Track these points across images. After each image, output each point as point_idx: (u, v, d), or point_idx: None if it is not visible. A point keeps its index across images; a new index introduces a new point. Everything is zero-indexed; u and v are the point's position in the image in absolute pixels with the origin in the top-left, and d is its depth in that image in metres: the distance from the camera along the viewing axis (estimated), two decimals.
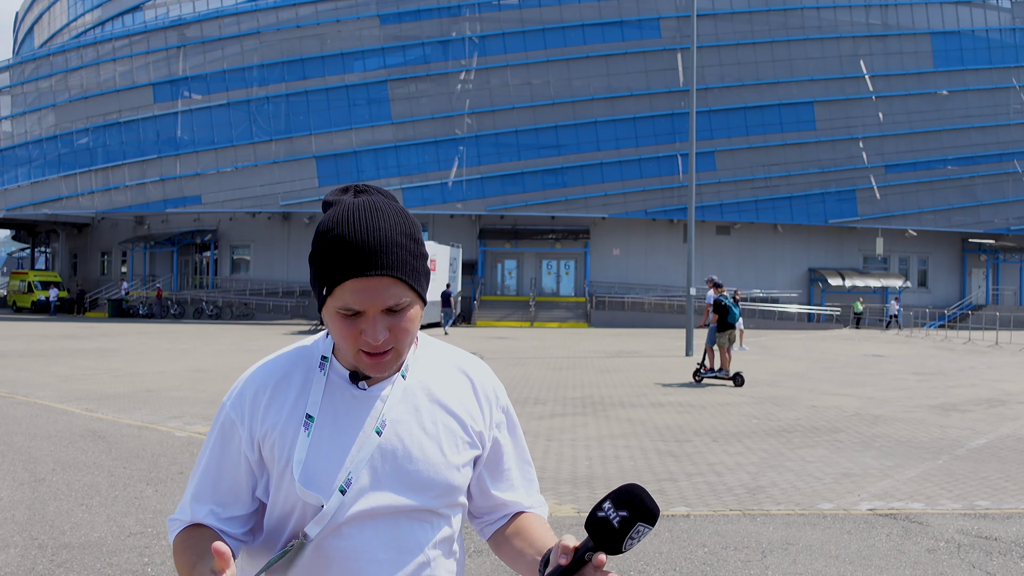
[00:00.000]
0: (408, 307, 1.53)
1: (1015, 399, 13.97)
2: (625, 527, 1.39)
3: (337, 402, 1.61)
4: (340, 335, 1.52)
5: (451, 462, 1.63)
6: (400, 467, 1.59)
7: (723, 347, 15.91)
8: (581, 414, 11.68)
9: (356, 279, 1.48)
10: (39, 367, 17.16)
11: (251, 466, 1.61)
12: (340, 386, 1.62)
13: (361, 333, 1.50)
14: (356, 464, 1.57)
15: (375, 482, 1.58)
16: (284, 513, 1.59)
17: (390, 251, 1.49)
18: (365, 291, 1.48)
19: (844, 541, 5.83)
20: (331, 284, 1.50)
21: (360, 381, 1.61)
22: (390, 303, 1.50)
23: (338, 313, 1.51)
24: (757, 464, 8.38)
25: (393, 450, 1.59)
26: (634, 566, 5.26)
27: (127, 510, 6.43)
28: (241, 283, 45.33)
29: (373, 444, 1.58)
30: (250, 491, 1.63)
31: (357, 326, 1.50)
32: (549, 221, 43.31)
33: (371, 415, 1.60)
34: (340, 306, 1.50)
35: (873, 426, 10.85)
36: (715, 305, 16.42)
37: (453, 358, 1.75)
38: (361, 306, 1.49)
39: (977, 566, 5.33)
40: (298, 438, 1.57)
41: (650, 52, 41.79)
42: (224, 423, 1.63)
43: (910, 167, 43.41)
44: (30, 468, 7.83)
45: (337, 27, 41.70)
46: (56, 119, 44.28)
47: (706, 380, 16.03)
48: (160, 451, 8.68)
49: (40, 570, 5.08)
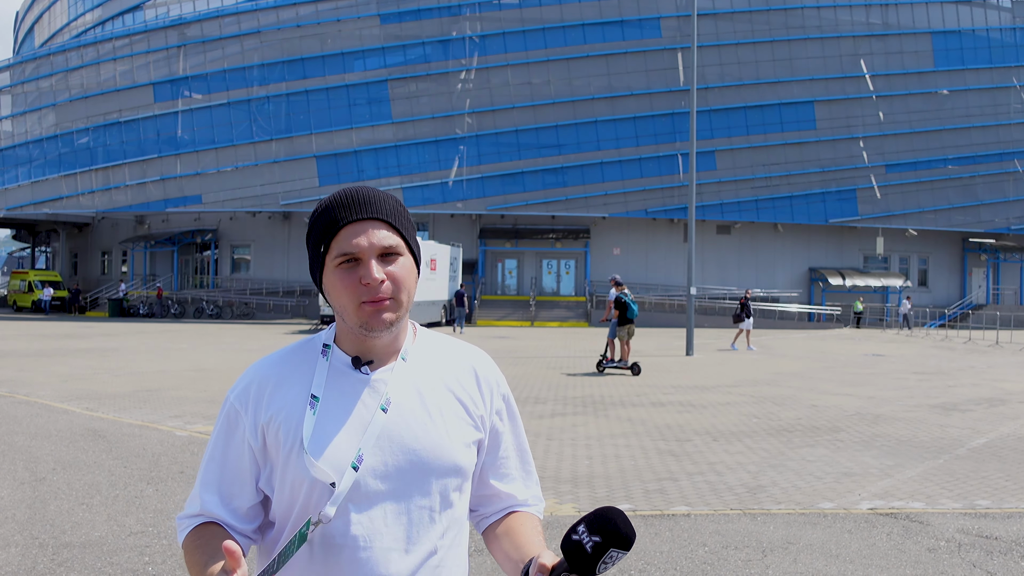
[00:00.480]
0: (401, 254, 1.62)
1: (1015, 398, 13.97)
2: (598, 552, 1.39)
3: (343, 385, 1.65)
4: (341, 289, 1.60)
5: (455, 441, 1.66)
6: (406, 445, 1.62)
7: (623, 340, 17.43)
8: (582, 413, 11.68)
9: (349, 225, 1.59)
10: (40, 367, 17.16)
11: (254, 455, 1.64)
12: (343, 371, 1.66)
13: (360, 280, 1.58)
14: (365, 441, 1.60)
15: (383, 460, 1.60)
16: (292, 499, 1.60)
17: (379, 201, 1.62)
18: (359, 234, 1.59)
19: (845, 540, 5.84)
20: (328, 238, 1.60)
21: (363, 366, 1.66)
22: (384, 243, 1.59)
23: (337, 268, 1.60)
24: (758, 463, 8.39)
25: (399, 428, 1.62)
26: (635, 565, 5.27)
27: (128, 509, 6.43)
28: (241, 283, 45.34)
29: (380, 422, 1.61)
30: (254, 481, 1.65)
31: (356, 275, 1.59)
32: (549, 220, 43.31)
33: (375, 396, 1.64)
34: (337, 254, 1.59)
35: (874, 425, 10.85)
36: (616, 302, 17.79)
37: (453, 345, 1.80)
38: (356, 249, 1.58)
39: (978, 565, 5.33)
40: (304, 417, 1.60)
41: (650, 51, 41.78)
42: (228, 413, 1.67)
43: (910, 166, 43.39)
44: (31, 467, 7.83)
45: (337, 26, 41.70)
46: (56, 118, 44.28)
47: (608, 370, 17.61)
48: (161, 450, 8.69)
49: (41, 569, 5.08)
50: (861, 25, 43.17)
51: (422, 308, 33.65)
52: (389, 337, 1.66)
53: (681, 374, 17.54)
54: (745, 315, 25.95)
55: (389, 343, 1.68)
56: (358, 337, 1.65)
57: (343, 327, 1.68)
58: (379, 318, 1.59)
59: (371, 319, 1.59)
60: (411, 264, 1.65)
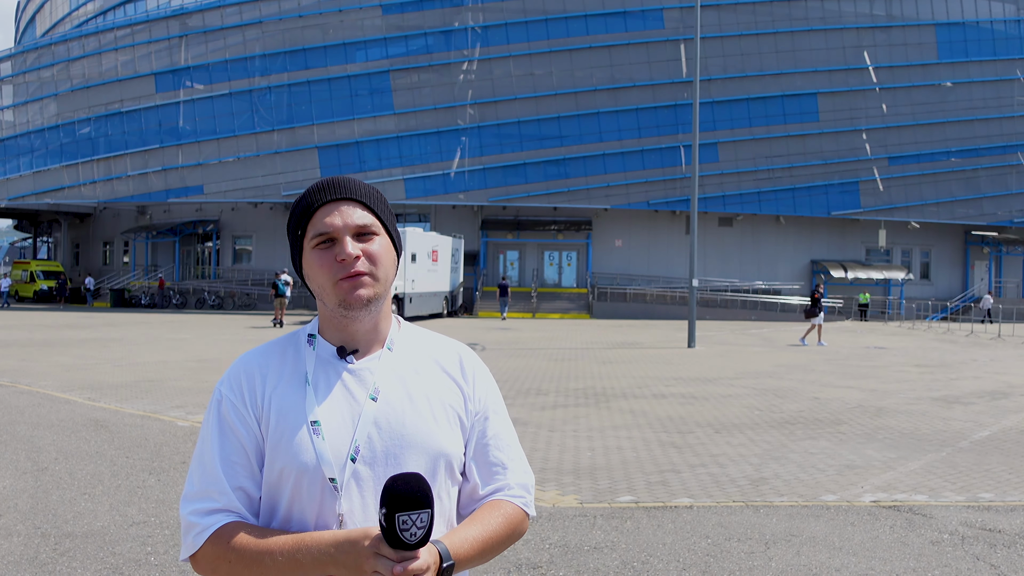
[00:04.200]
0: (376, 234, 1.64)
1: (1018, 391, 13.95)
2: (390, 522, 1.41)
3: (330, 376, 1.65)
4: (317, 269, 1.62)
5: (442, 428, 1.66)
6: (396, 433, 1.61)
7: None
8: (583, 405, 11.67)
9: (324, 206, 1.62)
10: (41, 356, 17.17)
11: (257, 442, 1.63)
12: (329, 362, 1.66)
13: (336, 258, 1.60)
14: (360, 432, 1.60)
15: (373, 448, 1.60)
16: (280, 486, 1.59)
17: (353, 184, 1.66)
18: (334, 213, 1.61)
19: (847, 533, 5.83)
20: (305, 220, 1.63)
21: (348, 355, 1.66)
22: (358, 222, 1.61)
23: (314, 250, 1.62)
24: (760, 455, 8.38)
25: (387, 417, 1.62)
26: (637, 556, 5.26)
27: (130, 499, 6.43)
28: (243, 273, 45.36)
29: (371, 412, 1.61)
30: (258, 470, 1.62)
31: (331, 254, 1.61)
32: (551, 212, 43.26)
33: (363, 385, 1.64)
34: (314, 235, 1.61)
35: (876, 418, 10.84)
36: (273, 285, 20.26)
37: (436, 337, 1.81)
38: (331, 228, 1.60)
39: (981, 558, 5.32)
40: (305, 399, 1.61)
41: (653, 43, 41.64)
42: (222, 404, 1.65)
43: (913, 159, 43.27)
44: (33, 457, 7.83)
45: (339, 17, 41.59)
46: (58, 108, 44.23)
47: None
48: (162, 440, 8.69)
49: (43, 559, 5.08)
50: (865, 17, 43.00)
51: (424, 299, 33.64)
52: (369, 320, 1.66)
53: (683, 366, 17.52)
54: (818, 309, 24.63)
55: (371, 330, 1.68)
56: (339, 321, 1.65)
57: (325, 313, 1.68)
58: (356, 295, 1.60)
59: (348, 295, 1.60)
60: (387, 244, 1.66)
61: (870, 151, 42.80)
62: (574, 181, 41.49)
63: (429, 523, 1.43)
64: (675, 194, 41.34)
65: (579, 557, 5.26)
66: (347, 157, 41.28)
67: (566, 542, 5.55)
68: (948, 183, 43.72)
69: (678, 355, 20.28)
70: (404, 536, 1.41)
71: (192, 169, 42.24)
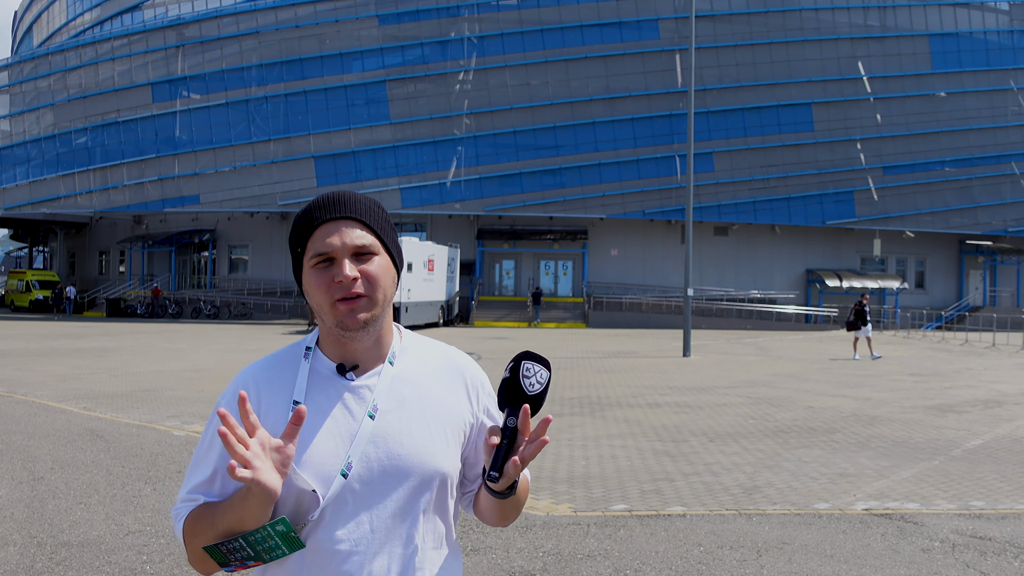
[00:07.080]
0: (376, 254, 1.64)
1: (1011, 400, 14.01)
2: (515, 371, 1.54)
3: (328, 392, 1.65)
4: (316, 288, 1.62)
5: (438, 447, 1.67)
6: (392, 452, 1.63)
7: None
8: (579, 414, 11.70)
9: (324, 225, 1.62)
10: (37, 366, 17.16)
11: None
12: (328, 378, 1.67)
13: (333, 278, 1.60)
14: (354, 449, 1.61)
15: (370, 467, 1.61)
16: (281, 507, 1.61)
17: (354, 202, 1.64)
18: (333, 233, 1.61)
19: (839, 541, 5.87)
20: (304, 237, 1.64)
21: (348, 372, 1.66)
22: (357, 242, 1.61)
23: (313, 268, 1.62)
24: (753, 464, 8.42)
25: (386, 435, 1.63)
26: (630, 564, 5.30)
27: (125, 508, 6.45)
28: (239, 283, 45.32)
29: (368, 429, 1.62)
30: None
31: (330, 274, 1.61)
32: (547, 221, 43.33)
33: (361, 403, 1.65)
34: (313, 254, 1.62)
35: (869, 427, 10.88)
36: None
37: (439, 348, 1.81)
38: (330, 248, 1.60)
39: (971, 566, 5.36)
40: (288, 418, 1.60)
41: (648, 53, 41.81)
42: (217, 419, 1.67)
43: (908, 169, 43.44)
44: (29, 467, 7.85)
45: (336, 27, 41.70)
46: (55, 118, 44.23)
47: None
48: (158, 450, 8.70)
49: (39, 568, 5.10)
50: (859, 27, 43.21)
51: (420, 309, 33.66)
52: (368, 339, 1.66)
53: (678, 375, 17.57)
54: (861, 322, 23.14)
55: (372, 346, 1.68)
56: (338, 339, 1.66)
57: (324, 329, 1.69)
58: (353, 317, 1.60)
59: (346, 318, 1.60)
60: (387, 263, 1.66)
61: (865, 161, 42.95)
62: (570, 191, 41.58)
63: (547, 384, 1.57)
64: (671, 203, 41.44)
65: (572, 565, 5.30)
66: (343, 167, 41.34)
67: (560, 550, 5.58)
68: (942, 193, 43.87)
69: (673, 364, 20.32)
70: (524, 384, 1.55)
71: (188, 179, 42.25)
